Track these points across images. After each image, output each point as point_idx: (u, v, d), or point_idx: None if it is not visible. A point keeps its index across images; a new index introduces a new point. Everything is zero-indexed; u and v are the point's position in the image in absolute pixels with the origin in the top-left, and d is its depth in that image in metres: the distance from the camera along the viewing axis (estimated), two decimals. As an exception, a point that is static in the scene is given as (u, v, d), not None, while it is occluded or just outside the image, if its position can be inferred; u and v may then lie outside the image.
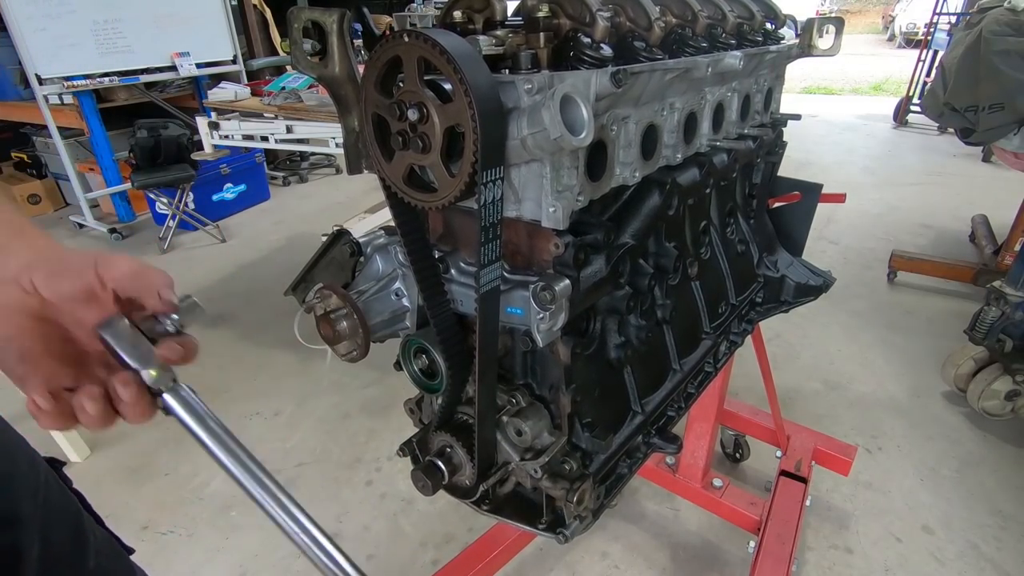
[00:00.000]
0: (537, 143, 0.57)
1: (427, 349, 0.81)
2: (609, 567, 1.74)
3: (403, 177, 0.63)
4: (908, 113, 6.93)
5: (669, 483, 1.82)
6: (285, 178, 5.46)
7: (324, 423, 2.33)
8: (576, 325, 0.82)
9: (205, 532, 1.87)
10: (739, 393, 2.26)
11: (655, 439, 0.97)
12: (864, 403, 2.38)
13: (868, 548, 1.78)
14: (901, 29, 15.07)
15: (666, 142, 0.91)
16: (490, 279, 0.63)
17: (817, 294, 1.37)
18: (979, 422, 2.25)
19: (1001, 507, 1.90)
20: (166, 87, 4.71)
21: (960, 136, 2.58)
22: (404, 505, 1.94)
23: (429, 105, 0.56)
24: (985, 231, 3.59)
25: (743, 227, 1.29)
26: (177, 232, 4.13)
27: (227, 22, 4.50)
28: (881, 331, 2.88)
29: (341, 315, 0.79)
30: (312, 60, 0.73)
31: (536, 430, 0.79)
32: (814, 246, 3.74)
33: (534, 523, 0.87)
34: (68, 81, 3.82)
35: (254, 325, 3.05)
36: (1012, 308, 2.06)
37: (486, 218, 0.59)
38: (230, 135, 3.18)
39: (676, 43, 0.87)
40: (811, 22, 1.27)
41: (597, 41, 0.68)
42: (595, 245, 0.75)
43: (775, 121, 1.28)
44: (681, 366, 1.07)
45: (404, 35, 0.54)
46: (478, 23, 0.75)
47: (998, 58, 2.20)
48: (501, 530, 1.54)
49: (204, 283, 3.56)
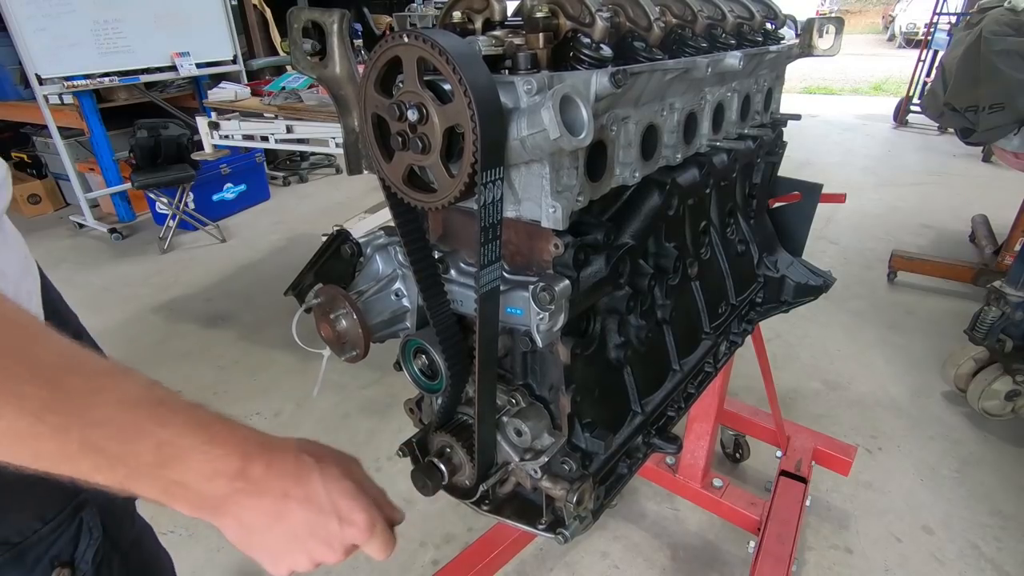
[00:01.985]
0: (537, 143, 0.57)
1: (427, 349, 0.81)
2: (609, 567, 1.74)
3: (403, 177, 0.63)
4: (908, 113, 6.93)
5: (669, 483, 1.82)
6: (285, 178, 5.46)
7: (324, 423, 2.33)
8: (576, 325, 0.82)
9: (205, 532, 1.87)
10: (739, 393, 2.26)
11: (655, 439, 0.97)
12: (864, 403, 2.38)
13: (868, 548, 1.78)
14: (901, 29, 15.07)
15: (666, 142, 0.91)
16: (490, 279, 0.63)
17: (817, 294, 1.37)
18: (979, 422, 2.25)
19: (1001, 507, 1.90)
20: (166, 87, 4.71)
21: (960, 136, 2.58)
22: (404, 505, 1.93)
23: (429, 105, 0.56)
24: (985, 231, 3.59)
25: (743, 227, 1.29)
26: (177, 232, 4.13)
27: (227, 22, 4.50)
28: (881, 331, 2.88)
29: (341, 315, 0.79)
30: (312, 60, 0.73)
31: (536, 430, 0.79)
32: (814, 246, 3.74)
33: (534, 523, 0.87)
34: (68, 81, 3.82)
35: (254, 325, 3.05)
36: (1012, 308, 2.06)
37: (486, 218, 0.59)
38: (230, 135, 3.18)
39: (676, 43, 0.87)
40: (811, 22, 1.27)
41: (597, 41, 0.68)
42: (595, 245, 0.75)
43: (775, 121, 1.28)
44: (681, 366, 1.07)
45: (403, 35, 0.54)
46: (478, 23, 0.75)
47: (998, 58, 2.20)
48: (501, 530, 1.54)
49: (204, 283, 3.56)
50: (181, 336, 3.00)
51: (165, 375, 2.75)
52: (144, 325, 3.12)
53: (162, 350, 2.87)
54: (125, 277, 3.66)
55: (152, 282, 3.59)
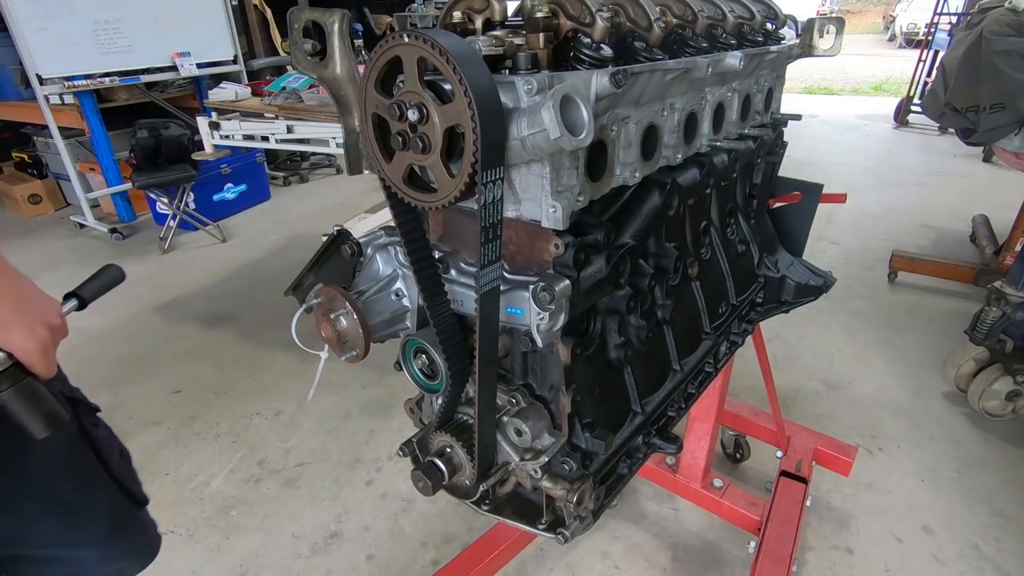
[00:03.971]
0: (537, 143, 0.57)
1: (427, 349, 0.81)
2: (609, 567, 1.74)
3: (403, 177, 0.63)
4: (909, 113, 6.92)
5: (669, 483, 1.82)
6: (285, 178, 5.46)
7: (324, 423, 2.33)
8: (576, 325, 0.82)
9: (205, 532, 1.87)
10: (739, 393, 2.26)
11: (655, 439, 0.97)
12: (864, 403, 2.38)
13: (868, 548, 1.78)
14: (902, 29, 15.06)
15: (666, 142, 0.91)
16: (490, 279, 0.63)
17: (817, 294, 1.37)
18: (980, 422, 2.25)
19: (1002, 507, 1.90)
20: (167, 87, 4.71)
21: (961, 136, 2.58)
22: (404, 505, 1.94)
23: (429, 105, 0.56)
24: (986, 231, 3.58)
25: (743, 227, 1.29)
26: (177, 232, 4.13)
27: (227, 22, 4.50)
28: (882, 331, 2.88)
29: (341, 315, 0.79)
30: (312, 60, 0.73)
31: (536, 430, 0.79)
32: (815, 246, 3.74)
33: (534, 523, 0.87)
34: (69, 81, 3.82)
35: (254, 325, 3.05)
36: (1013, 308, 2.06)
37: (486, 218, 0.59)
38: (231, 135, 3.18)
39: (676, 43, 0.87)
40: (811, 22, 1.27)
41: (597, 41, 0.68)
42: (595, 245, 0.75)
43: (775, 121, 1.28)
44: (681, 366, 1.07)
45: (404, 35, 0.54)
46: (478, 23, 0.75)
47: (999, 58, 2.20)
48: (501, 530, 1.54)
49: (204, 283, 3.57)
50: (181, 336, 3.00)
51: (165, 375, 2.76)
52: (144, 325, 3.12)
53: (162, 350, 2.87)
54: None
55: (152, 282, 3.59)
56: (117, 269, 0.98)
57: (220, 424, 2.33)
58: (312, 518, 1.89)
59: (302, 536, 1.83)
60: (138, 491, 0.93)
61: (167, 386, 2.59)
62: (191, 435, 2.27)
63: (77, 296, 0.87)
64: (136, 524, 0.91)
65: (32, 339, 0.67)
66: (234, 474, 2.08)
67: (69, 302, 0.85)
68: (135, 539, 0.90)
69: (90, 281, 0.91)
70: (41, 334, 0.68)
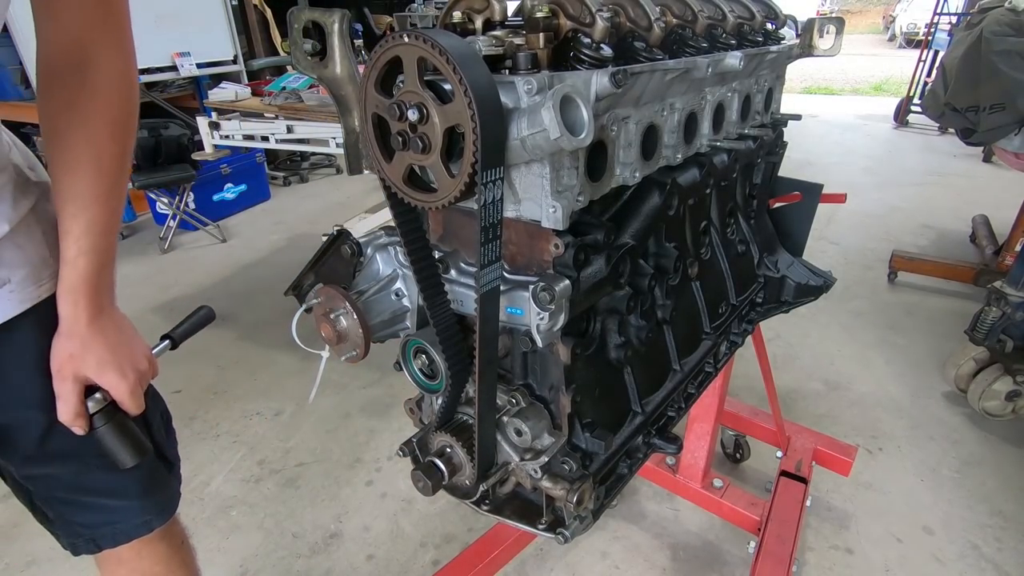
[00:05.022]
0: (537, 143, 0.57)
1: (427, 349, 0.81)
2: (609, 567, 1.74)
3: (403, 177, 0.63)
4: (909, 113, 6.93)
5: (669, 483, 1.82)
6: (286, 178, 5.46)
7: (324, 423, 2.33)
8: (576, 325, 0.82)
9: (205, 532, 1.87)
10: (739, 393, 2.26)
11: (655, 439, 0.97)
12: (864, 403, 2.38)
13: (868, 548, 1.78)
14: (902, 29, 15.07)
15: (666, 142, 0.91)
16: (490, 279, 0.63)
17: (817, 294, 1.37)
18: (980, 422, 2.25)
19: (1002, 507, 1.90)
20: (167, 87, 4.71)
21: (961, 136, 2.58)
22: (404, 505, 1.94)
23: (429, 105, 0.56)
24: (986, 231, 3.58)
25: (743, 227, 1.29)
26: (177, 232, 4.13)
27: (227, 22, 4.51)
28: (882, 331, 2.88)
29: (341, 315, 0.79)
30: (312, 60, 0.73)
31: (536, 430, 0.79)
32: (815, 246, 3.74)
33: (534, 523, 0.87)
34: (69, 81, 3.82)
35: (254, 325, 3.05)
36: (1013, 308, 2.06)
37: (486, 218, 0.59)
38: (231, 135, 3.18)
39: (676, 43, 0.87)
40: (811, 22, 1.27)
41: (597, 41, 0.68)
42: (595, 245, 0.75)
43: (775, 121, 1.28)
44: (681, 366, 1.07)
45: (404, 35, 0.54)
46: (478, 23, 0.75)
47: (999, 58, 2.20)
48: (501, 530, 1.54)
49: (204, 283, 3.57)
50: (181, 336, 3.00)
51: (165, 375, 2.73)
52: (144, 325, 3.10)
53: (162, 350, 2.87)
54: (125, 277, 3.66)
55: (152, 282, 3.59)
56: (209, 311, 1.11)
57: (220, 424, 2.33)
58: (312, 518, 1.90)
59: (302, 536, 1.83)
60: (171, 452, 1.00)
61: (167, 386, 2.58)
62: (191, 435, 2.27)
63: (171, 338, 1.01)
64: (165, 481, 0.97)
65: (124, 381, 0.77)
66: (234, 474, 2.08)
67: (163, 343, 0.99)
68: (162, 495, 0.96)
69: (183, 323, 1.05)
70: (131, 377, 0.79)
